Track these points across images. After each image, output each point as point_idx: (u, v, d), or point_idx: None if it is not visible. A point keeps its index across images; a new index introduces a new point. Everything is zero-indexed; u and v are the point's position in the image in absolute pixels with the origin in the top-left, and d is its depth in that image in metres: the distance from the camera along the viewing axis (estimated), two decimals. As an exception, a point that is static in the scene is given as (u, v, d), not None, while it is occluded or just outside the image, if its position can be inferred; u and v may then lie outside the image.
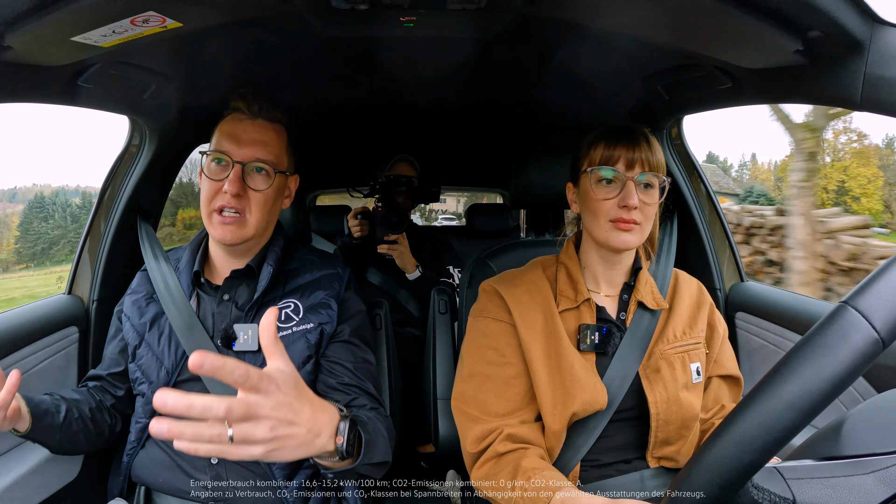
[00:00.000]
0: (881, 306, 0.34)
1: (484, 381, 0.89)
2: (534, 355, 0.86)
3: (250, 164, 0.93)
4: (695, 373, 0.90)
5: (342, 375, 0.97)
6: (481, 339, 0.92)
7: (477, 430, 0.85)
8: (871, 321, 0.34)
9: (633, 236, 0.86)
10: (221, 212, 0.92)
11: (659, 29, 0.82)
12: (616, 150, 0.86)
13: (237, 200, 0.92)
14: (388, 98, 1.47)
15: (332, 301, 1.02)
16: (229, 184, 0.90)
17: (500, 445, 0.82)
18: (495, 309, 0.93)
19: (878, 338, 0.34)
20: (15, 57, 0.77)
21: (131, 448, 0.98)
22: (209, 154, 0.94)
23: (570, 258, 0.96)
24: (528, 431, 0.85)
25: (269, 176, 0.95)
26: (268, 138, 0.96)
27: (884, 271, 0.36)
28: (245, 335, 0.95)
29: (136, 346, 0.99)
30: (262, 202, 0.94)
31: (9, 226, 31.54)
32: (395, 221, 1.71)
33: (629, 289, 0.95)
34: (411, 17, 0.86)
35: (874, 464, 0.45)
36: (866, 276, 0.37)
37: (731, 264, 1.46)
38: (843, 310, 0.35)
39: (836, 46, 0.68)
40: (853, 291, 0.36)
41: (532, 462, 0.78)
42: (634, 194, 0.85)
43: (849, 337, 0.34)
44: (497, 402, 0.87)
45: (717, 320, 0.97)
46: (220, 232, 0.93)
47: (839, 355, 0.34)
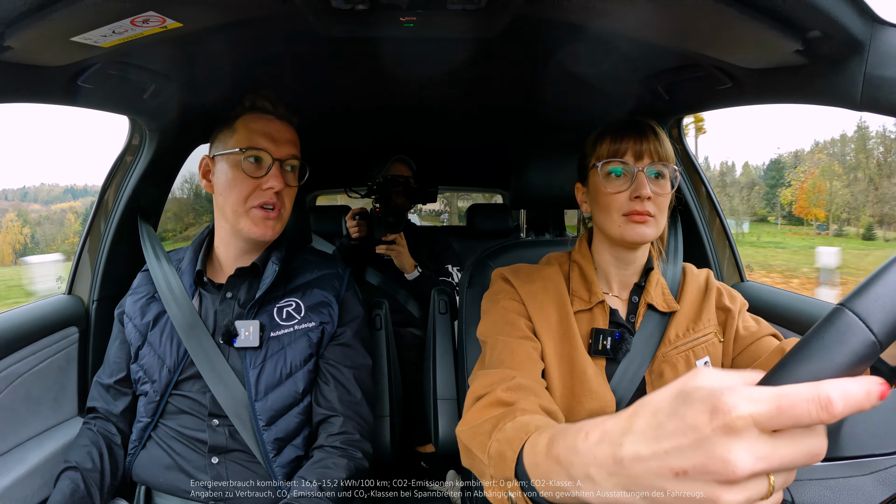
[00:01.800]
0: (878, 309, 0.34)
1: (504, 346, 0.81)
2: (547, 356, 0.84)
3: (287, 162, 0.98)
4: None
5: (333, 391, 0.98)
6: (497, 317, 0.86)
7: (487, 377, 0.75)
8: (868, 324, 0.34)
9: (649, 228, 0.83)
10: (262, 207, 0.95)
11: (659, 29, 0.82)
12: (623, 142, 0.84)
13: (277, 196, 0.96)
14: (388, 98, 1.47)
15: (333, 300, 1.02)
16: (275, 180, 0.94)
17: (504, 392, 0.69)
18: (511, 291, 0.90)
19: (874, 340, 0.34)
20: (15, 57, 0.76)
21: (132, 448, 0.98)
22: (244, 152, 0.95)
23: (583, 257, 0.93)
24: (541, 389, 0.74)
25: (297, 172, 1.01)
26: (295, 138, 1.02)
27: (881, 274, 0.36)
28: (246, 331, 0.95)
29: (139, 346, 0.99)
30: (293, 197, 1.01)
31: (62, 222, 34.19)
32: (393, 222, 1.71)
33: (639, 290, 0.92)
34: (411, 17, 0.86)
35: (873, 465, 0.45)
36: (863, 279, 0.37)
37: (731, 264, 1.46)
38: (840, 312, 0.35)
39: (836, 46, 0.68)
40: (850, 294, 0.36)
41: (528, 405, 0.66)
42: (646, 184, 0.82)
43: (846, 340, 0.34)
44: (512, 359, 0.78)
45: (729, 300, 0.92)
46: (261, 228, 0.95)
47: (836, 358, 0.34)
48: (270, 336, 0.96)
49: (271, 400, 0.93)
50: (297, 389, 0.95)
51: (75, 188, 46.25)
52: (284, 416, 0.95)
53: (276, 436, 0.93)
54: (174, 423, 0.96)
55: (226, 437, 0.94)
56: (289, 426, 0.95)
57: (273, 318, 0.97)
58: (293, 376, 0.95)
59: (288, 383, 0.95)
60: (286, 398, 0.95)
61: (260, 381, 0.94)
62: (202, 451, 0.94)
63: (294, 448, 0.95)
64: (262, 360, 0.95)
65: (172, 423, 0.96)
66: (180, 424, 0.95)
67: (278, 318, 0.98)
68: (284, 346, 0.96)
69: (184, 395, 0.96)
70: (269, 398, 0.93)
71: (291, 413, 0.95)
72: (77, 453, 0.95)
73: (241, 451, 0.94)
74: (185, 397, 0.96)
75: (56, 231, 35.17)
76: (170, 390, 0.96)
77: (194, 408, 0.95)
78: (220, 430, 0.94)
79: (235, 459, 0.94)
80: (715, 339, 0.90)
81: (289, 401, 0.95)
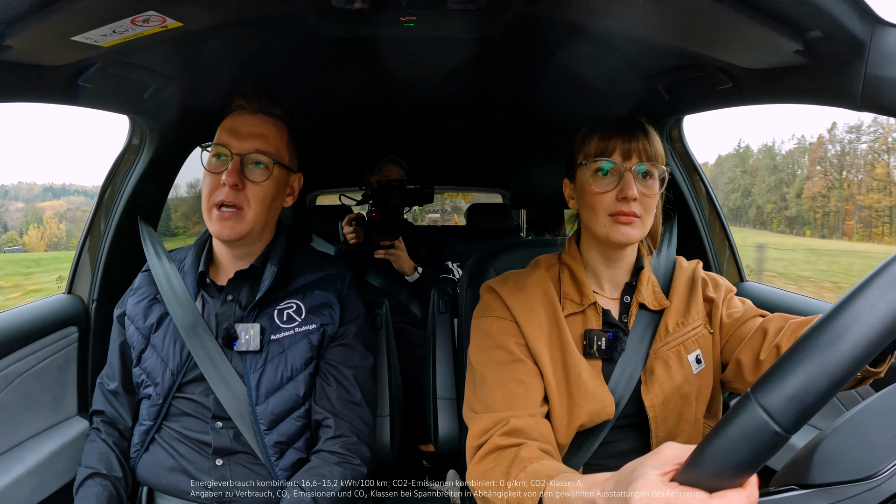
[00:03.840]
0: (785, 401, 0.35)
1: (494, 382, 0.83)
2: (543, 364, 0.83)
3: (249, 157, 0.93)
4: (694, 362, 0.87)
5: (333, 391, 0.97)
6: (487, 340, 0.88)
7: (480, 423, 0.80)
8: (774, 417, 0.35)
9: (634, 230, 0.83)
10: (220, 207, 0.92)
11: (659, 29, 0.82)
12: (612, 140, 0.84)
13: (235, 194, 0.91)
14: (388, 98, 1.47)
15: (335, 300, 1.02)
16: (227, 175, 0.90)
17: (500, 438, 0.75)
18: (499, 307, 0.89)
19: (780, 432, 0.35)
20: (15, 57, 0.76)
21: (135, 450, 0.98)
22: (210, 149, 0.94)
23: (573, 258, 0.92)
24: (535, 425, 0.78)
25: (268, 169, 0.94)
26: (266, 131, 0.96)
27: (787, 360, 0.36)
28: (246, 335, 0.94)
29: (142, 349, 0.98)
30: (262, 196, 0.94)
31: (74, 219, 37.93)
32: (390, 227, 1.71)
33: (630, 289, 0.92)
34: (411, 17, 0.86)
35: (839, 493, 0.45)
36: (772, 365, 0.37)
37: (731, 264, 1.46)
38: (748, 404, 0.36)
39: (836, 46, 0.68)
40: (758, 381, 0.37)
41: (530, 452, 0.72)
42: (633, 185, 0.81)
43: (752, 434, 0.36)
44: (504, 399, 0.81)
45: (713, 289, 0.93)
46: (217, 227, 0.92)
47: (742, 454, 0.37)
48: (271, 339, 0.95)
49: (272, 404, 0.93)
50: (298, 393, 0.95)
51: (54, 186, 46.53)
52: (285, 419, 0.94)
53: (277, 439, 0.93)
54: (177, 425, 0.95)
55: (230, 440, 0.93)
56: (290, 430, 0.94)
57: (273, 321, 0.97)
58: (294, 380, 0.95)
59: (289, 387, 0.94)
60: (287, 402, 0.94)
61: (261, 384, 0.93)
62: (206, 454, 0.93)
63: (296, 451, 0.95)
64: (263, 363, 0.94)
65: (176, 426, 0.95)
66: (184, 427, 0.95)
67: (279, 320, 0.97)
68: (285, 350, 0.95)
69: (187, 398, 0.95)
70: (270, 402, 0.93)
71: (292, 417, 0.95)
72: (99, 460, 0.95)
73: (246, 453, 0.94)
74: (188, 400, 0.95)
75: (74, 228, 39.12)
76: (173, 393, 0.95)
77: (198, 410, 0.95)
78: (224, 433, 0.93)
79: (240, 461, 0.94)
80: (705, 330, 0.90)
81: (290, 404, 0.94)
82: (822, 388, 0.34)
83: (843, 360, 0.34)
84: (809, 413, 0.35)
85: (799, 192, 46.35)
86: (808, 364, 0.35)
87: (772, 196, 49.01)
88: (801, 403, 0.35)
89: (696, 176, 1.45)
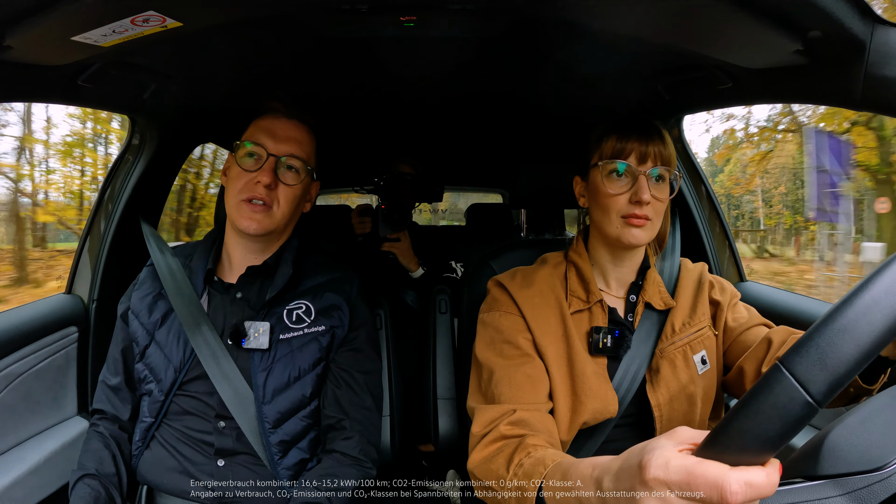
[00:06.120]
0: (817, 369, 0.35)
1: (502, 376, 0.82)
2: (548, 359, 0.84)
3: (283, 159, 0.96)
4: (699, 363, 0.87)
5: (344, 395, 0.98)
6: (495, 335, 0.87)
7: (487, 413, 0.78)
8: (806, 386, 0.35)
9: (644, 232, 0.84)
10: (251, 201, 0.93)
11: (659, 29, 0.82)
12: (628, 142, 0.84)
13: (268, 192, 0.94)
14: (387, 98, 1.47)
15: (344, 304, 1.02)
16: (263, 174, 0.93)
17: (506, 427, 0.74)
18: (507, 302, 0.89)
19: (811, 402, 0.35)
20: (15, 57, 0.76)
21: (136, 448, 0.97)
22: (243, 147, 0.95)
23: (580, 256, 0.92)
24: (541, 419, 0.78)
25: (300, 173, 0.98)
26: (301, 137, 0.99)
27: (819, 329, 0.36)
28: (256, 332, 0.94)
29: (146, 345, 0.98)
30: (291, 198, 0.97)
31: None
32: (398, 219, 1.71)
33: (636, 288, 0.92)
34: (412, 17, 0.86)
35: (848, 484, 0.45)
36: (803, 334, 0.37)
37: (731, 264, 1.46)
38: (778, 373, 0.36)
39: (836, 46, 0.68)
40: (789, 351, 0.37)
41: (536, 441, 0.70)
42: (647, 189, 0.82)
43: (782, 404, 0.35)
44: (511, 392, 0.80)
45: (719, 292, 0.93)
46: (246, 221, 0.93)
47: (773, 424, 0.36)
48: (279, 338, 0.95)
49: (278, 403, 0.93)
50: (305, 393, 0.95)
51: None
52: (291, 419, 0.94)
53: (281, 438, 0.93)
54: (179, 424, 0.95)
55: (233, 440, 0.93)
56: (295, 429, 0.94)
57: (282, 321, 0.97)
58: (301, 380, 0.95)
59: (296, 387, 0.94)
60: (293, 401, 0.94)
61: (268, 384, 0.93)
62: (208, 454, 0.93)
63: (299, 451, 0.95)
64: (271, 362, 0.94)
65: (177, 425, 0.95)
66: (186, 426, 0.94)
67: (288, 320, 0.97)
68: (294, 350, 0.95)
69: (189, 396, 0.95)
70: (277, 401, 0.93)
71: (298, 416, 0.95)
72: (91, 459, 0.94)
73: (248, 454, 0.93)
74: (190, 398, 0.95)
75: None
76: (174, 390, 0.95)
77: (200, 409, 0.94)
78: (227, 433, 0.93)
79: (241, 462, 0.93)
80: (710, 332, 0.91)
81: (296, 404, 0.94)
82: (854, 358, 0.34)
83: (874, 330, 0.34)
84: (841, 384, 0.35)
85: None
86: (841, 334, 0.35)
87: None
88: (834, 373, 0.34)
89: (697, 176, 1.45)
